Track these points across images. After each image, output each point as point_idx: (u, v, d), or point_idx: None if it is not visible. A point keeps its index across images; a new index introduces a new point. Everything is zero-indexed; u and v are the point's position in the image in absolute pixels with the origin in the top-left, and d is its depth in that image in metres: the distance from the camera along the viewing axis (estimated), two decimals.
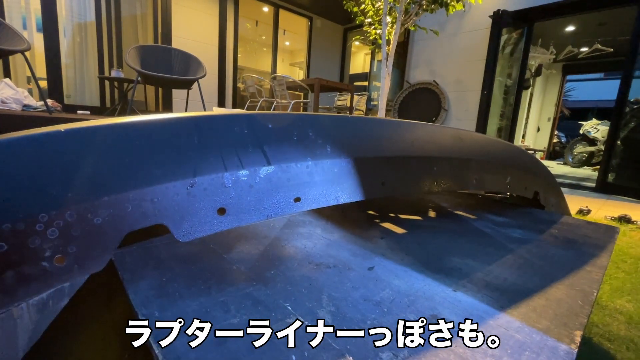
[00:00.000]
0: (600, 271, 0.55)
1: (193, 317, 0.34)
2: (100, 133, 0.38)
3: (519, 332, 0.37)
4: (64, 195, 0.34)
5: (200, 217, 0.41)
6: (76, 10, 4.71)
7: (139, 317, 0.33)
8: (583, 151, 6.57)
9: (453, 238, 0.67)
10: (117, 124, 0.39)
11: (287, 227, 0.66)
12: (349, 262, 0.51)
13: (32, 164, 0.33)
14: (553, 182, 1.14)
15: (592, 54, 6.29)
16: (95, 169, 0.36)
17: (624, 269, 1.71)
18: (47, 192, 0.33)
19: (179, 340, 0.30)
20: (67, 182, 0.34)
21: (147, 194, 0.38)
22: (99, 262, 0.35)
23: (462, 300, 0.42)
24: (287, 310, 0.36)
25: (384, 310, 0.39)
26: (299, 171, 0.50)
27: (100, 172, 0.36)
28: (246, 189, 0.45)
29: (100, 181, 0.36)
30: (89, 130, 0.37)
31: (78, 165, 0.35)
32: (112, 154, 0.37)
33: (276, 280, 0.44)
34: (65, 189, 0.34)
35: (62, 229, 0.33)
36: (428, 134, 0.71)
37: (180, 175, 0.40)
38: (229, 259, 0.49)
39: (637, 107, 3.77)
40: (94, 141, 0.37)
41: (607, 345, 1.08)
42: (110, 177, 0.36)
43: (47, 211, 0.33)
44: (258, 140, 0.47)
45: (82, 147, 0.36)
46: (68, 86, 4.71)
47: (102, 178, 0.36)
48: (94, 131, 0.37)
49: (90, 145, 0.36)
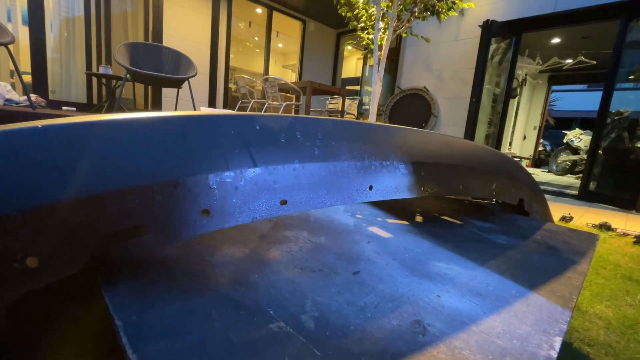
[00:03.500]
0: (580, 277, 0.57)
1: (172, 321, 0.33)
2: (80, 130, 0.36)
3: (500, 337, 0.37)
4: (38, 193, 0.32)
5: (183, 218, 0.41)
6: (64, 4, 4.61)
7: (116, 322, 0.32)
8: (566, 160, 6.76)
9: (439, 243, 0.67)
10: (97, 121, 0.38)
11: (274, 229, 0.65)
12: (334, 266, 0.51)
13: (5, 161, 0.32)
14: (537, 189, 1.17)
15: (576, 66, 6.50)
16: (73, 167, 0.35)
17: (603, 275, 1.76)
18: (21, 190, 0.32)
19: (156, 345, 0.29)
20: (43, 180, 0.33)
21: (128, 194, 0.37)
22: (75, 263, 0.34)
23: (446, 306, 0.43)
24: (270, 314, 0.36)
25: (367, 315, 0.39)
26: (286, 174, 0.49)
27: (78, 171, 0.35)
28: (231, 191, 0.44)
29: (78, 180, 0.34)
30: (68, 127, 0.36)
31: (55, 162, 0.34)
32: (91, 152, 0.36)
33: (260, 284, 0.43)
34: (41, 187, 0.33)
35: (36, 229, 0.32)
36: (416, 140, 0.71)
37: (163, 175, 0.39)
38: (213, 261, 0.48)
39: (618, 119, 3.91)
40: (73, 138, 0.36)
41: (587, 350, 1.11)
42: (89, 175, 0.35)
43: (21, 210, 0.31)
44: (245, 141, 0.47)
45: (60, 145, 0.35)
46: (54, 81, 4.59)
47: (80, 176, 0.35)
48: (73, 128, 0.36)
49: (68, 142, 0.35)
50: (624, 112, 3.93)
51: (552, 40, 5.93)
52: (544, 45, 6.15)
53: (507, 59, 4.77)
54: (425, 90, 5.41)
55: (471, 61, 4.75)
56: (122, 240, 0.36)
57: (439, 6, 3.73)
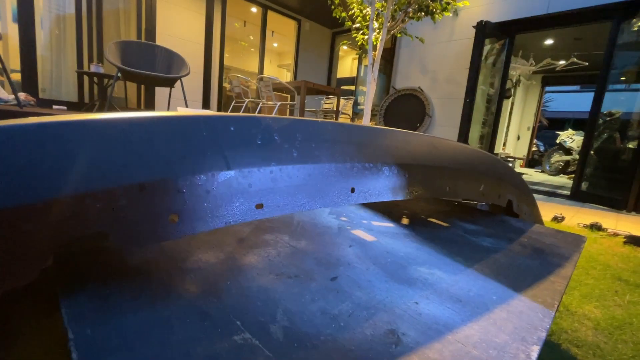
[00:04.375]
0: (564, 282, 0.56)
1: (130, 334, 0.31)
2: (37, 130, 0.34)
3: (477, 347, 0.36)
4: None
5: (150, 224, 0.39)
6: (55, 1, 4.54)
7: (69, 335, 0.30)
8: (559, 160, 6.81)
9: (422, 246, 0.66)
10: (57, 122, 0.36)
11: (254, 233, 0.63)
12: (312, 272, 0.50)
13: None
14: (526, 190, 1.16)
15: (569, 67, 6.55)
16: (29, 168, 0.33)
17: (593, 276, 1.76)
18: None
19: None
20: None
21: (89, 199, 0.35)
22: (27, 273, 0.32)
23: (423, 314, 0.41)
24: (236, 325, 0.34)
25: (340, 325, 0.37)
26: (262, 176, 0.48)
27: (35, 172, 0.33)
28: (202, 195, 0.42)
29: (30, 183, 0.33)
30: (23, 127, 0.34)
31: (7, 163, 0.32)
32: (48, 153, 0.34)
33: (231, 292, 0.41)
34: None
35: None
36: (400, 141, 0.70)
37: (127, 178, 0.37)
38: (185, 268, 0.47)
39: (609, 119, 3.95)
40: (29, 139, 0.34)
41: (575, 351, 1.11)
42: (46, 178, 0.33)
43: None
44: (218, 143, 0.45)
45: (14, 145, 0.33)
46: (44, 80, 4.52)
47: (32, 180, 0.33)
48: (29, 129, 0.34)
49: (24, 143, 0.33)
50: (616, 113, 3.96)
51: (545, 42, 5.97)
52: (538, 47, 6.20)
53: (501, 60, 4.79)
54: (419, 90, 5.42)
55: (465, 62, 4.76)
56: (82, 248, 0.34)
57: (433, 7, 3.73)
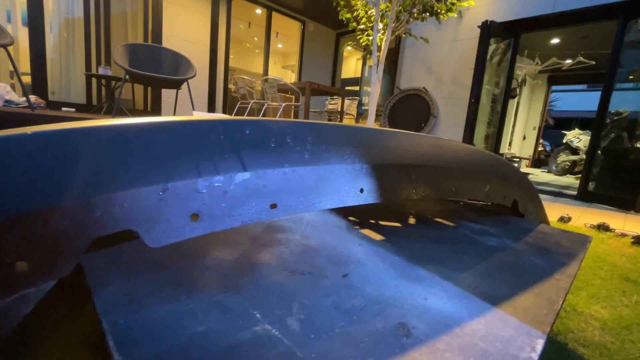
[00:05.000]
0: (569, 280, 0.57)
1: (159, 324, 0.34)
2: (68, 136, 0.37)
3: (483, 340, 0.37)
4: (27, 198, 0.33)
5: (172, 223, 0.41)
6: (64, 5, 4.62)
7: (103, 325, 0.32)
8: (566, 160, 6.76)
9: (429, 245, 0.68)
10: (86, 127, 0.39)
11: (266, 232, 0.66)
12: (324, 269, 0.52)
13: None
14: (532, 190, 1.17)
15: (575, 66, 6.50)
16: (63, 172, 0.35)
17: (600, 276, 1.76)
18: (9, 195, 0.32)
19: (142, 348, 0.30)
20: (32, 185, 0.34)
21: (117, 199, 0.37)
22: (65, 267, 0.35)
23: (432, 309, 0.43)
24: (256, 318, 0.36)
25: (353, 318, 0.39)
26: (276, 178, 0.50)
27: (68, 176, 0.35)
28: (220, 195, 0.45)
29: (68, 185, 0.35)
30: (55, 133, 0.37)
31: (44, 167, 0.34)
32: (80, 157, 0.37)
33: (248, 287, 0.44)
34: (30, 192, 0.33)
35: (25, 234, 0.33)
36: (408, 142, 0.72)
37: (152, 180, 0.40)
38: (202, 264, 0.49)
39: (617, 119, 3.91)
40: (62, 144, 0.36)
41: (582, 351, 1.11)
42: (79, 180, 0.36)
43: (8, 215, 0.32)
44: (234, 146, 0.47)
45: (49, 150, 0.35)
46: (53, 82, 4.60)
47: (69, 182, 0.35)
48: (61, 134, 0.37)
49: (57, 148, 0.36)
50: (623, 113, 3.93)
51: (551, 41, 5.93)
52: (543, 46, 6.15)
53: (506, 60, 4.78)
54: (424, 90, 5.42)
55: (470, 62, 4.76)
56: (111, 245, 0.37)
57: (437, 7, 3.74)
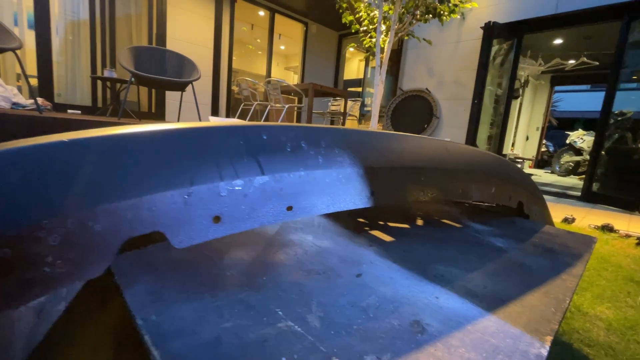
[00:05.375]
0: (575, 280, 0.59)
1: (188, 321, 0.36)
2: (102, 143, 0.39)
3: (494, 336, 0.39)
4: (66, 202, 0.35)
5: (196, 224, 0.43)
6: (69, 8, 4.67)
7: (137, 321, 0.34)
8: (569, 160, 6.74)
9: (438, 246, 0.70)
10: (117, 134, 0.41)
11: (279, 234, 0.68)
12: (337, 269, 0.54)
13: (35, 173, 0.35)
14: (537, 192, 1.19)
15: (578, 67, 6.49)
16: (96, 177, 0.37)
17: (605, 277, 1.77)
18: (50, 200, 0.35)
19: (176, 343, 0.32)
20: (70, 190, 0.36)
21: (146, 202, 0.40)
22: (98, 267, 0.37)
23: (444, 307, 0.45)
24: (278, 315, 0.38)
25: (369, 315, 0.41)
26: (292, 181, 0.52)
27: (101, 181, 0.38)
28: (241, 198, 0.47)
29: (101, 189, 0.37)
30: (91, 140, 0.39)
31: (80, 173, 0.37)
32: (112, 164, 0.39)
33: (267, 286, 0.46)
34: (68, 196, 0.35)
35: (64, 235, 0.35)
36: (416, 146, 0.74)
37: (177, 184, 0.42)
38: (222, 265, 0.51)
39: (620, 119, 3.91)
40: (96, 151, 0.38)
41: (587, 351, 1.12)
42: (111, 185, 0.38)
43: (50, 218, 0.34)
44: (253, 150, 0.49)
45: (84, 157, 0.37)
46: (59, 85, 4.65)
47: (103, 186, 0.37)
48: (95, 141, 0.39)
49: (91, 154, 0.38)
50: (627, 113, 3.92)
51: (554, 42, 5.93)
52: (546, 47, 6.15)
53: (509, 60, 4.78)
54: (427, 91, 5.43)
55: (473, 63, 4.76)
56: (140, 246, 0.39)
57: (440, 9, 3.75)
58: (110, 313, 0.46)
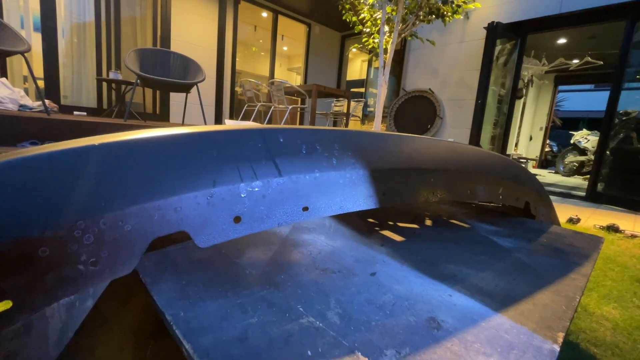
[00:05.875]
0: (584, 279, 0.60)
1: (214, 317, 0.37)
2: (131, 146, 0.41)
3: (508, 332, 0.41)
4: (99, 204, 0.37)
5: (218, 224, 0.45)
6: (75, 11, 4.72)
7: (167, 317, 0.36)
8: (574, 160, 6.72)
9: (448, 246, 0.71)
10: (145, 137, 0.42)
11: (293, 234, 0.69)
12: (352, 268, 0.55)
13: (69, 175, 0.36)
14: (543, 192, 1.20)
15: (583, 66, 6.46)
16: (126, 180, 0.39)
17: (611, 277, 1.77)
18: (84, 201, 0.36)
19: (206, 337, 0.33)
20: (102, 191, 0.37)
21: (172, 204, 0.41)
22: (128, 265, 0.38)
23: (457, 304, 0.46)
24: (300, 311, 0.40)
25: (386, 312, 0.43)
26: (307, 182, 0.53)
27: (131, 183, 0.39)
28: (259, 199, 0.48)
29: (131, 191, 0.39)
30: (120, 144, 0.40)
31: (111, 176, 0.38)
32: (141, 166, 0.40)
33: (286, 284, 0.47)
34: (100, 198, 0.37)
35: (97, 235, 0.37)
36: (425, 147, 0.75)
37: (201, 186, 0.44)
38: (241, 264, 0.53)
39: (625, 119, 3.90)
40: (126, 154, 0.40)
41: (594, 350, 1.13)
42: (140, 187, 0.40)
43: (84, 219, 0.36)
44: (270, 153, 0.51)
45: (115, 159, 0.39)
46: (65, 87, 4.70)
47: (132, 188, 0.39)
48: (125, 145, 0.41)
49: (122, 157, 0.40)
50: (632, 113, 3.91)
51: (557, 41, 5.91)
52: (550, 46, 6.14)
53: (513, 60, 4.78)
54: (430, 92, 5.43)
55: (476, 63, 4.77)
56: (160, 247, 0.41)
57: (443, 9, 3.76)
58: (134, 310, 0.48)
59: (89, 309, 0.42)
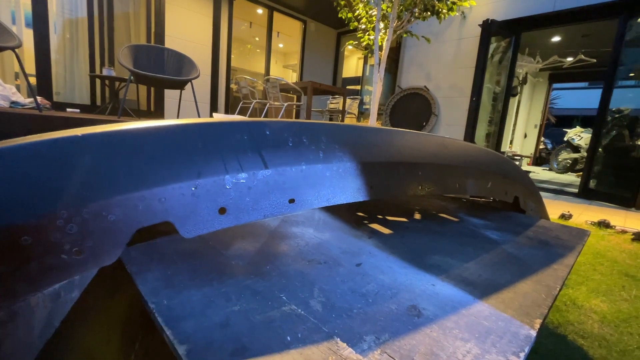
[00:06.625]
0: (566, 269, 0.61)
1: (198, 305, 0.38)
2: (115, 137, 0.41)
3: (487, 319, 0.42)
4: (82, 193, 0.37)
5: (203, 215, 0.45)
6: (67, 6, 4.66)
7: (149, 305, 0.36)
8: (567, 158, 6.79)
9: (435, 238, 0.72)
10: (129, 129, 0.43)
11: (281, 226, 0.70)
12: (338, 259, 0.56)
13: (52, 165, 0.37)
14: (532, 187, 1.21)
15: (576, 64, 6.52)
16: (110, 170, 0.39)
17: (600, 271, 1.80)
18: (67, 191, 0.37)
19: (187, 324, 0.34)
20: (86, 181, 0.38)
21: (156, 194, 0.42)
22: (111, 255, 0.39)
23: (440, 293, 0.47)
24: (283, 299, 0.41)
25: (369, 300, 0.43)
26: (294, 175, 0.54)
27: (115, 173, 0.40)
28: (245, 191, 0.49)
29: (115, 181, 0.39)
30: (104, 135, 0.41)
31: (95, 166, 0.39)
32: (125, 157, 0.41)
33: (272, 274, 0.48)
34: (84, 188, 0.37)
35: (80, 225, 0.37)
36: (414, 141, 0.76)
37: (186, 177, 0.44)
38: (228, 255, 0.53)
39: (618, 116, 3.94)
40: (110, 144, 0.40)
41: (581, 342, 1.15)
42: (124, 177, 0.40)
43: (67, 208, 0.36)
44: (256, 145, 0.51)
45: (99, 150, 0.39)
46: (57, 83, 4.65)
47: (116, 179, 0.39)
48: (109, 135, 0.41)
49: (105, 148, 0.40)
50: (624, 110, 3.95)
51: (552, 39, 5.95)
52: (544, 44, 6.17)
53: (507, 58, 4.80)
54: (425, 89, 5.45)
55: (471, 60, 4.79)
56: (148, 238, 0.41)
57: (438, 6, 3.77)
58: (120, 300, 0.48)
59: (75, 299, 0.43)
